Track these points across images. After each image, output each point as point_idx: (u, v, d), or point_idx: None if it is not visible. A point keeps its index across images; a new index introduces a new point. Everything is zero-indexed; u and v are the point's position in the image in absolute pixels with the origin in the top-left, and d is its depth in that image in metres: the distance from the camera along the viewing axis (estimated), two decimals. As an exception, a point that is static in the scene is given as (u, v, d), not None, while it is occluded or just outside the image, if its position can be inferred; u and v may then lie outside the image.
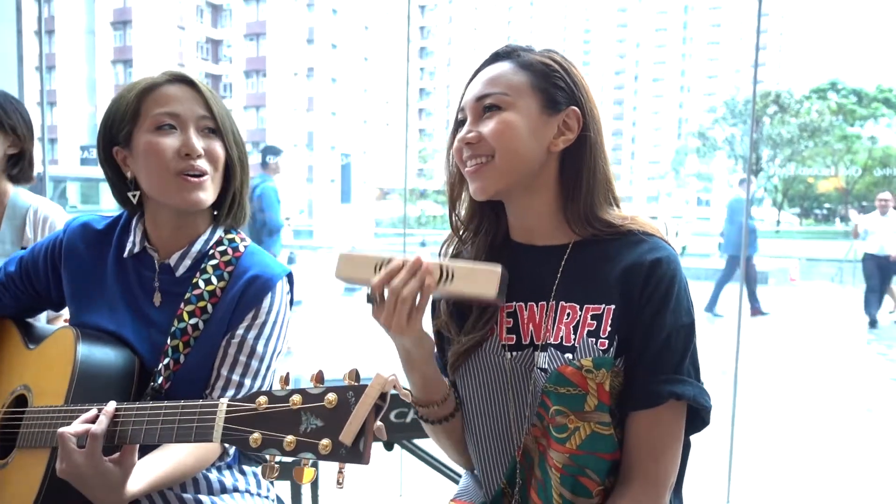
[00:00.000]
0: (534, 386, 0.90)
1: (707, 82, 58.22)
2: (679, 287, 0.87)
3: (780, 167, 29.77)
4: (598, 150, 0.93)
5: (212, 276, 1.04)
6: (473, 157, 0.92)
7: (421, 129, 54.07)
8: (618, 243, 0.90)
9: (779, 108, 29.74)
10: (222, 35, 42.88)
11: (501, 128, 0.89)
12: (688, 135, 41.92)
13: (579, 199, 0.92)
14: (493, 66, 0.94)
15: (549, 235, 0.94)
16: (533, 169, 0.91)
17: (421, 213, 31.14)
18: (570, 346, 0.87)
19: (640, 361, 0.86)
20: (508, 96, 0.90)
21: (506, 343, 0.93)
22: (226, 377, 1.02)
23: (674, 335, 0.85)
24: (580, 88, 0.93)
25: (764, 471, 3.07)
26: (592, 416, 0.85)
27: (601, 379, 0.84)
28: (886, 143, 33.14)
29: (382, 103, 45.17)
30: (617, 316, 0.86)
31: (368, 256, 0.86)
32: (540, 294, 0.92)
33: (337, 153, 36.64)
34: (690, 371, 0.87)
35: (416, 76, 54.21)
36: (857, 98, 33.08)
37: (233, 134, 1.06)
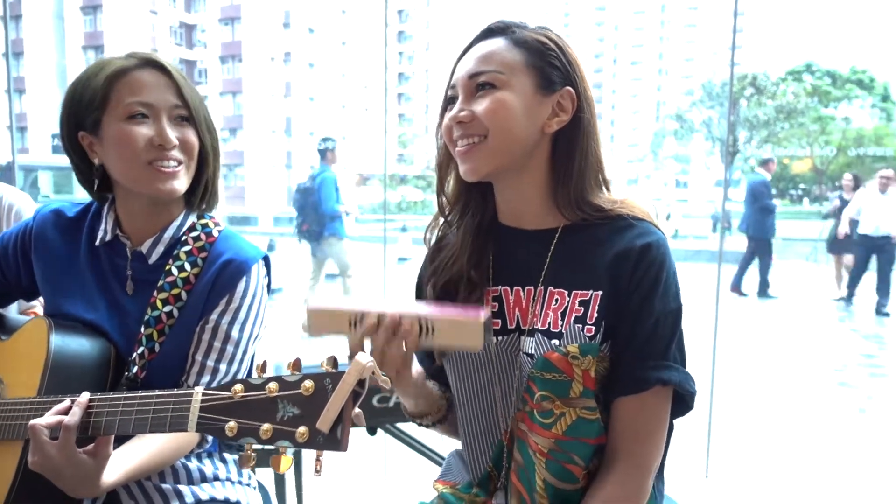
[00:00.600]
0: (520, 370, 0.90)
1: (685, 65, 58.49)
2: (668, 272, 0.86)
3: (757, 148, 30.06)
4: (592, 132, 0.91)
5: (185, 262, 1.03)
6: (465, 137, 0.89)
7: (400, 114, 53.66)
8: (607, 228, 0.89)
9: (755, 90, 29.98)
10: (196, 19, 42.04)
11: (496, 107, 0.87)
12: (666, 117, 42.11)
13: (570, 182, 0.90)
14: (486, 43, 0.91)
15: (538, 219, 0.93)
16: (526, 150, 0.89)
17: (401, 198, 31.01)
18: (557, 332, 0.87)
19: (628, 347, 0.85)
20: (503, 74, 0.88)
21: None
22: (200, 363, 1.00)
23: (661, 321, 0.85)
24: (575, 68, 0.91)
25: (741, 446, 3.13)
26: (578, 402, 0.85)
27: (587, 366, 0.84)
28: (860, 125, 33.66)
29: (361, 88, 44.73)
30: (605, 302, 0.85)
31: (339, 312, 0.82)
32: (527, 279, 0.92)
33: (316, 139, 36.34)
34: (677, 356, 0.87)
35: (394, 60, 53.67)
36: (832, 80, 33.48)
37: (206, 121, 1.04)
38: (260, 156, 37.02)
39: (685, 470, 2.80)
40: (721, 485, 2.73)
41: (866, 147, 31.40)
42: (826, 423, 3.56)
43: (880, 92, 33.69)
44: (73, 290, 1.04)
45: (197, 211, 1.09)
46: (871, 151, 30.62)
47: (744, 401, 3.86)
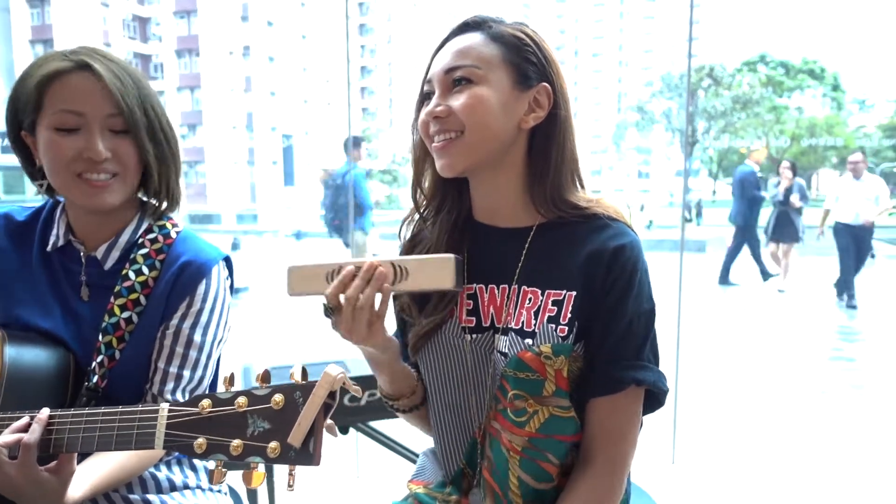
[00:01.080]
0: (493, 368, 0.90)
1: (644, 57, 59.36)
2: (641, 273, 0.87)
3: (715, 139, 30.75)
4: (568, 129, 0.91)
5: (142, 265, 1.00)
6: (442, 132, 0.89)
7: (364, 108, 53.20)
8: (582, 227, 0.89)
9: (713, 81, 30.65)
10: (150, 12, 40.92)
11: (472, 102, 0.86)
12: (627, 109, 42.71)
13: (547, 179, 0.90)
14: (462, 37, 0.90)
15: (513, 217, 0.93)
16: (502, 145, 0.89)
17: (367, 193, 30.85)
18: (530, 331, 0.87)
19: (602, 348, 0.86)
20: (480, 69, 0.87)
21: (465, 325, 0.93)
22: (163, 370, 0.98)
23: (635, 321, 0.86)
24: (551, 64, 0.91)
25: (707, 432, 3.20)
26: (550, 401, 0.85)
27: (559, 365, 0.84)
28: (812, 114, 34.67)
29: (323, 82, 44.20)
30: (578, 302, 0.85)
31: (318, 266, 0.83)
32: (502, 277, 0.92)
33: (278, 134, 35.76)
34: (650, 356, 0.88)
35: (356, 54, 53.14)
36: (785, 70, 34.39)
37: (149, 130, 0.98)
38: (221, 152, 36.32)
39: (652, 457, 2.86)
40: (688, 471, 2.79)
41: (819, 136, 32.37)
42: (791, 408, 3.67)
43: (830, 82, 34.74)
44: (27, 297, 1.00)
45: (154, 213, 1.06)
46: (822, 141, 31.56)
47: (708, 388, 3.95)
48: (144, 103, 0.98)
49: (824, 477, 2.73)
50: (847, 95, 35.65)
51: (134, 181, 1.00)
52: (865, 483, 2.67)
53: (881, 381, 4.09)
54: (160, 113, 1.01)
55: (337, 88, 43.72)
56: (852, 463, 2.86)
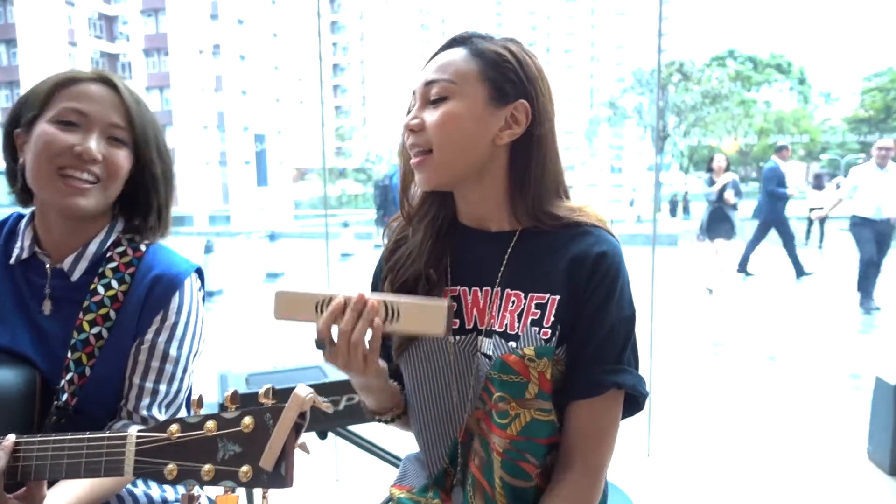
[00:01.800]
0: (477, 370, 0.91)
1: (615, 53, 59.91)
2: (622, 280, 0.89)
3: (686, 133, 31.17)
4: (548, 146, 0.92)
5: (112, 279, 0.98)
6: (415, 147, 0.91)
7: (337, 107, 52.79)
8: (564, 234, 0.91)
9: (682, 76, 31.02)
10: (117, 10, 40.13)
11: (443, 119, 0.88)
12: (599, 104, 43.08)
13: (528, 194, 0.91)
14: (447, 52, 0.92)
15: (497, 222, 0.95)
16: (477, 162, 0.91)
17: (341, 192, 30.66)
18: (513, 334, 0.88)
19: (584, 352, 0.88)
20: (455, 84, 0.89)
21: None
22: (139, 385, 0.97)
23: (616, 327, 0.88)
24: (533, 82, 0.91)
25: (682, 424, 3.26)
26: (533, 404, 0.87)
27: (543, 368, 0.86)
28: (779, 107, 35.35)
29: (295, 81, 43.78)
30: (561, 306, 0.87)
31: (307, 295, 0.83)
32: (485, 279, 0.93)
33: (250, 134, 35.33)
34: (630, 360, 0.90)
35: (328, 52, 52.74)
36: (753, 65, 35.00)
37: (157, 148, 1.00)
38: (192, 153, 35.78)
39: (627, 450, 2.90)
40: (663, 463, 2.84)
41: (786, 128, 33.04)
42: (764, 400, 3.74)
43: (797, 76, 35.46)
44: None
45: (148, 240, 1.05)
46: (789, 139, 32.24)
47: (682, 380, 4.01)
48: (155, 130, 1.01)
49: (797, 467, 2.79)
50: (813, 89, 36.42)
51: (114, 193, 0.99)
52: (833, 471, 2.74)
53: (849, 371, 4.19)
54: (165, 146, 1.03)
55: (309, 87, 43.36)
56: (821, 453, 2.93)
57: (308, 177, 38.94)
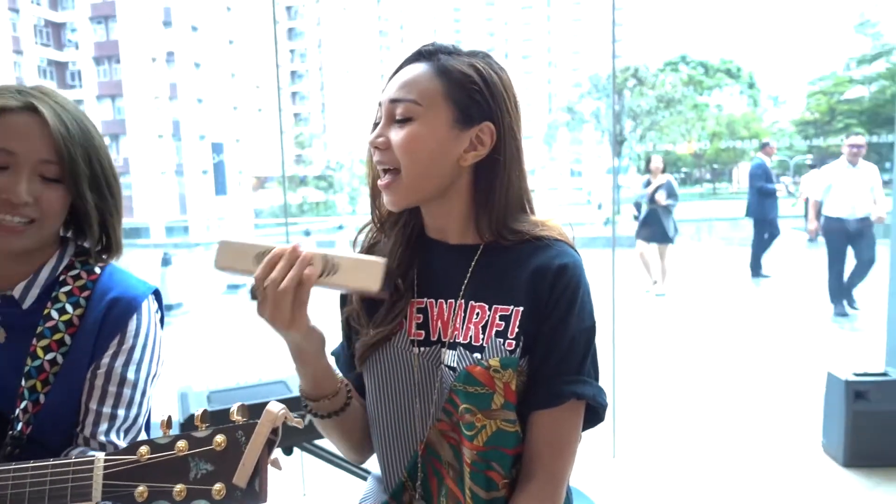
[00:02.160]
0: (440, 382, 0.92)
1: (572, 58, 60.86)
2: (583, 292, 0.90)
3: (641, 137, 31.82)
4: (513, 166, 0.93)
5: (66, 304, 0.96)
6: (381, 164, 0.92)
7: (296, 114, 52.24)
8: (526, 247, 0.92)
9: (637, 81, 31.68)
10: (65, 17, 38.99)
11: (408, 141, 0.89)
12: (557, 109, 43.64)
13: (492, 213, 0.93)
14: (412, 67, 0.92)
15: (461, 235, 0.96)
16: (442, 182, 0.92)
17: (303, 199, 30.35)
18: (478, 345, 0.89)
19: (545, 363, 0.89)
20: (420, 105, 0.89)
21: (414, 338, 0.94)
22: (96, 411, 0.94)
23: (577, 338, 0.89)
24: (499, 102, 0.91)
25: (647, 425, 3.33)
26: (498, 414, 0.88)
27: (508, 378, 0.87)
28: (730, 111, 36.42)
29: (252, 88, 43.20)
30: (524, 317, 0.89)
31: (249, 245, 0.83)
32: (450, 292, 0.94)
33: (207, 143, 34.69)
34: (591, 371, 0.91)
35: (286, 58, 52.20)
36: (704, 70, 35.97)
37: (92, 182, 0.96)
38: (147, 162, 34.92)
39: (593, 451, 2.95)
40: (628, 464, 2.89)
41: (737, 131, 34.04)
42: (730, 400, 3.84)
43: (746, 80, 36.59)
44: None
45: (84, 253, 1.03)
46: (740, 143, 33.17)
47: (644, 381, 4.10)
48: (90, 154, 0.96)
49: (756, 462, 2.88)
50: (762, 93, 37.64)
51: (53, 228, 0.97)
52: (791, 465, 2.84)
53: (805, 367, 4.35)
54: (106, 165, 0.99)
55: (267, 94, 42.84)
56: (779, 447, 3.03)
57: (268, 185, 38.41)
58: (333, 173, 31.74)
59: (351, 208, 31.41)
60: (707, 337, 5.39)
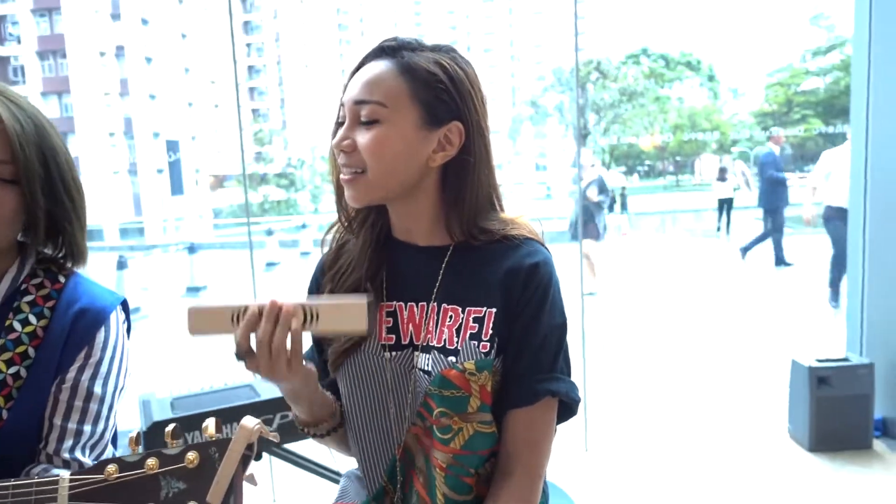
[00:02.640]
0: (414, 386, 0.92)
1: (535, 51, 61.32)
2: (554, 289, 0.92)
3: (606, 130, 32.28)
4: (482, 165, 0.93)
5: (29, 314, 0.93)
6: (348, 167, 0.90)
7: (254, 110, 51.38)
8: (497, 247, 0.93)
9: (600, 74, 32.13)
10: (5, 10, 37.58)
11: (374, 145, 0.88)
12: (521, 103, 43.91)
13: (462, 213, 0.93)
14: (375, 64, 0.90)
15: (429, 237, 0.96)
16: (409, 182, 0.91)
17: (263, 198, 29.91)
18: (452, 348, 0.90)
19: (519, 361, 0.90)
20: (385, 108, 0.88)
21: (385, 343, 0.94)
22: (61, 426, 0.91)
23: (549, 336, 0.90)
24: (466, 100, 0.91)
25: (618, 418, 3.38)
26: (475, 417, 0.89)
27: (483, 381, 0.88)
28: (691, 104, 37.18)
29: (208, 83, 42.37)
30: (498, 319, 0.89)
31: (221, 308, 0.81)
32: (421, 294, 0.94)
33: (162, 140, 33.93)
34: (563, 368, 0.93)
35: (242, 53, 51.32)
36: (665, 62, 36.62)
37: (46, 184, 0.92)
38: (98, 161, 33.96)
39: (566, 445, 2.98)
40: (601, 457, 2.93)
41: (699, 123, 34.78)
42: (701, 397, 3.93)
43: (706, 72, 37.39)
44: None
45: (46, 260, 0.99)
46: (701, 135, 33.85)
47: (615, 375, 4.16)
48: (46, 155, 0.93)
49: (724, 450, 2.95)
50: (721, 85, 38.51)
51: (8, 232, 0.93)
52: (758, 450, 2.92)
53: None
54: (64, 168, 0.95)
55: (224, 89, 42.06)
56: (746, 434, 3.11)
57: (227, 184, 37.74)
58: (295, 170, 31.35)
59: (314, 206, 31.11)
60: (674, 329, 5.50)
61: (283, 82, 51.52)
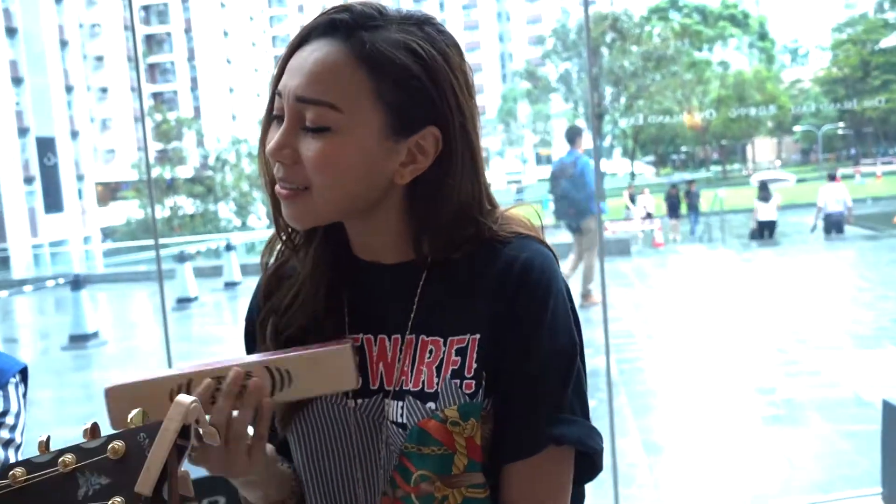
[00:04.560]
0: (386, 445, 0.93)
1: (529, 7, 62.06)
2: (555, 297, 0.90)
3: (627, 108, 32.52)
4: (465, 173, 0.91)
5: None
6: (285, 182, 0.88)
7: (156, 94, 51.14)
8: (481, 252, 0.92)
9: (617, 34, 32.48)
10: None
11: (322, 159, 0.85)
12: (514, 75, 44.38)
13: (437, 232, 0.91)
14: (322, 45, 0.86)
15: (398, 253, 0.96)
16: (367, 201, 0.91)
17: (171, 212, 29.77)
18: (431, 392, 0.89)
19: (512, 398, 0.89)
20: (339, 112, 0.84)
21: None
22: None
23: (552, 360, 0.89)
24: (447, 97, 0.87)
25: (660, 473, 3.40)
26: (462, 480, 0.89)
27: (471, 432, 0.88)
28: (738, 70, 37.57)
29: (92, 62, 42.25)
30: (483, 346, 0.89)
31: (153, 382, 0.81)
32: (393, 325, 0.95)
33: (31, 139, 33.65)
34: (575, 405, 0.90)
35: (139, 22, 51.20)
36: (702, 17, 37.23)
37: None
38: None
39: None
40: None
41: (749, 95, 35.06)
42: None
43: (756, 29, 38.02)
44: None
45: None
46: (753, 112, 33.97)
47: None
48: None
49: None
50: (776, 45, 39.17)
51: None
52: None
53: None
54: None
55: (115, 69, 41.90)
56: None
57: (122, 194, 37.45)
58: (213, 174, 31.23)
59: (240, 220, 30.92)
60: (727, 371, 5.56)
61: (194, 56, 51.47)
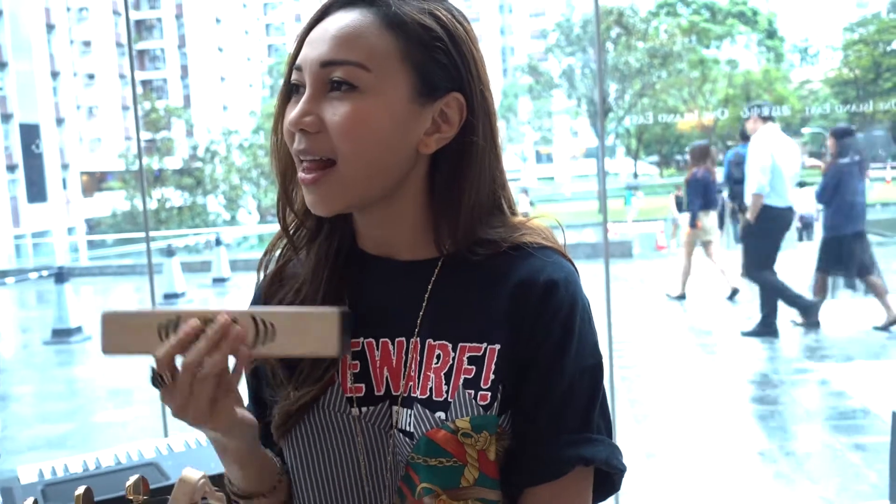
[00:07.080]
0: (393, 455, 0.92)
1: (532, 0, 62.00)
2: (581, 317, 0.90)
3: (631, 106, 32.52)
4: (487, 150, 0.92)
5: None
6: (308, 154, 0.88)
7: (145, 81, 50.99)
8: (502, 260, 0.92)
9: (622, 29, 32.45)
10: None
11: (355, 122, 0.86)
12: (515, 70, 44.32)
13: (456, 214, 0.91)
14: (346, 14, 0.88)
15: (410, 249, 0.95)
16: (393, 177, 0.90)
17: (159, 204, 29.69)
18: (441, 400, 0.89)
19: (536, 419, 0.89)
20: (369, 72, 0.86)
21: (352, 395, 0.94)
22: None
23: (577, 381, 0.89)
24: (468, 64, 0.90)
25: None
26: (471, 493, 0.88)
27: (483, 445, 0.87)
28: (746, 69, 37.64)
29: (80, 47, 42.12)
30: (503, 358, 0.89)
31: (147, 314, 0.82)
32: (399, 327, 0.94)
33: (14, 126, 33.57)
34: (601, 425, 0.91)
35: (128, 5, 51.06)
36: (711, 13, 37.20)
37: None
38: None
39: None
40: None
41: (757, 95, 35.10)
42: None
43: (764, 27, 38.05)
44: None
45: None
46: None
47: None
48: None
49: None
50: (786, 43, 39.16)
51: None
52: None
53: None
54: None
55: (103, 54, 41.78)
56: None
57: (107, 185, 37.38)
58: (202, 165, 31.17)
59: (229, 214, 30.88)
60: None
61: (185, 43, 51.38)
